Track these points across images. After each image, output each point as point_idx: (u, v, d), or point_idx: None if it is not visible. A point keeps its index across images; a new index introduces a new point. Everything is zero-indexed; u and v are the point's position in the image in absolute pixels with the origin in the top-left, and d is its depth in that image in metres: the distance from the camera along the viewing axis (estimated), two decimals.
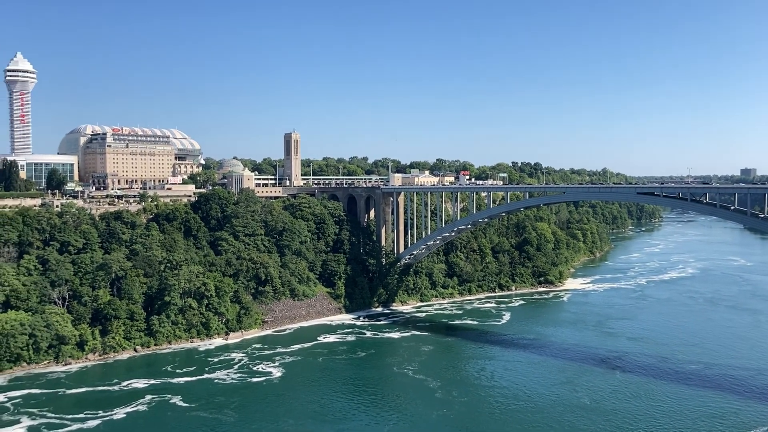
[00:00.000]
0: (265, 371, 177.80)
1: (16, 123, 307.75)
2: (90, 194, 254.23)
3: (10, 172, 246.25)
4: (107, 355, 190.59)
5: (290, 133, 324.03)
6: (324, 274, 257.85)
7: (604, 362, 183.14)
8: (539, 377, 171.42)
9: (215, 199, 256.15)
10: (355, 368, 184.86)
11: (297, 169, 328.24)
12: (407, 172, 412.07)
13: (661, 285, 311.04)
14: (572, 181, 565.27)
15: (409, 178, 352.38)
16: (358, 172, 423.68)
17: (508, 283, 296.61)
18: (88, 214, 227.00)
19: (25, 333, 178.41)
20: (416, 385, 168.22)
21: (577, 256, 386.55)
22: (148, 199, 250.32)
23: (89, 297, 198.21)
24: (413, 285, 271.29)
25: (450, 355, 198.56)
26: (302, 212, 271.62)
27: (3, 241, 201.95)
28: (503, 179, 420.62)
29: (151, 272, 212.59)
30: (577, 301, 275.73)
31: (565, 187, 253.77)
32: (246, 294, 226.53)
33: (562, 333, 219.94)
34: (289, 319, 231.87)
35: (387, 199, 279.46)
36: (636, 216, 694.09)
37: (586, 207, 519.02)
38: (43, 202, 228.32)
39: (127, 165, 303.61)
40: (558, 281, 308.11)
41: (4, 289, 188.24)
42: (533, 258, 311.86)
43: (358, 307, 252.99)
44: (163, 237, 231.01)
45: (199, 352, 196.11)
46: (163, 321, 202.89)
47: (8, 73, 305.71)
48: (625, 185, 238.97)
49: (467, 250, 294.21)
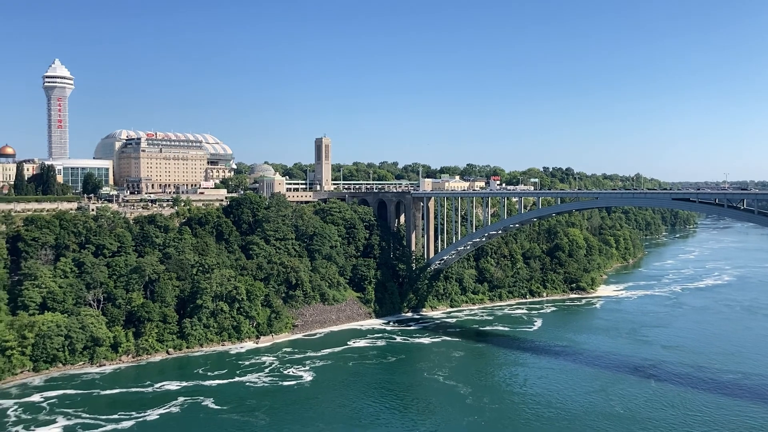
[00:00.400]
0: (296, 375, 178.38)
1: (54, 128, 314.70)
2: (124, 198, 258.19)
3: (48, 177, 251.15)
4: (140, 357, 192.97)
5: (321, 138, 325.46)
6: (354, 278, 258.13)
7: (639, 370, 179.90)
8: (572, 385, 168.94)
9: (247, 204, 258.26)
10: (386, 373, 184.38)
11: (327, 173, 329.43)
12: (437, 177, 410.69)
13: (697, 292, 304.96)
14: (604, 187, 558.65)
15: (440, 183, 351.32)
16: (388, 177, 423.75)
17: (539, 289, 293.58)
18: (123, 217, 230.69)
19: (61, 334, 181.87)
20: (447, 390, 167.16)
21: (609, 262, 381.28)
22: (181, 203, 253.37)
23: (123, 299, 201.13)
24: (443, 290, 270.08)
25: (481, 361, 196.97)
26: (333, 217, 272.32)
27: (41, 244, 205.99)
28: (534, 184, 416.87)
29: (184, 275, 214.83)
30: (610, 308, 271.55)
31: (597, 193, 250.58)
32: (277, 298, 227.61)
33: (594, 340, 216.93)
34: (319, 324, 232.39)
35: (417, 204, 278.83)
36: (670, 222, 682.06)
37: (619, 213, 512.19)
38: (79, 205, 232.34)
39: (160, 169, 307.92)
40: (590, 288, 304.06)
41: (41, 291, 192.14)
42: (565, 264, 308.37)
43: (387, 312, 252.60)
44: (195, 241, 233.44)
45: (230, 356, 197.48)
46: (195, 324, 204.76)
47: (46, 80, 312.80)
48: (660, 191, 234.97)
49: (498, 256, 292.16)
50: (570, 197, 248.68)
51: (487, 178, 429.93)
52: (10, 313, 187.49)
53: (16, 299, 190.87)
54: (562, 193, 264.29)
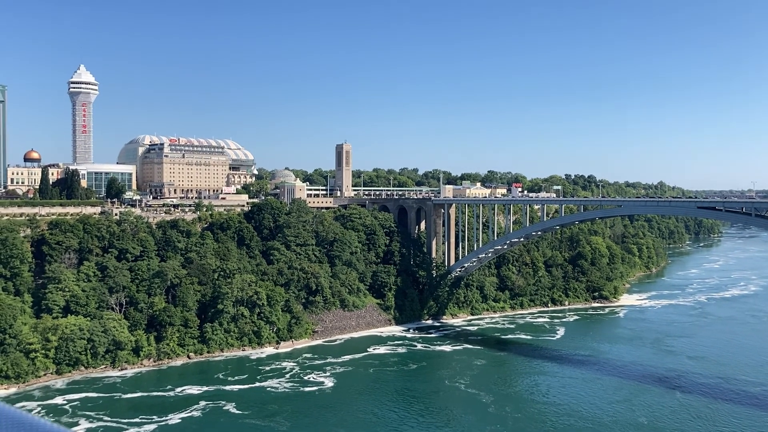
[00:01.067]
0: (317, 381, 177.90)
1: (78, 133, 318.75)
2: (147, 203, 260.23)
3: (72, 181, 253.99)
4: (161, 361, 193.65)
5: (342, 144, 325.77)
6: (374, 285, 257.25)
7: (663, 381, 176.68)
8: (595, 395, 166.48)
9: (268, 209, 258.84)
10: (407, 380, 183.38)
11: (348, 179, 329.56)
12: (458, 183, 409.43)
13: (722, 302, 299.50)
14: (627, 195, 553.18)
15: (461, 190, 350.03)
16: (409, 183, 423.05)
17: (561, 297, 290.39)
18: (146, 222, 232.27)
19: (83, 338, 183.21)
20: (469, 398, 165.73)
21: (632, 271, 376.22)
22: (203, 209, 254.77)
23: (145, 303, 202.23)
24: (464, 298, 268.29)
25: (503, 369, 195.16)
26: (353, 223, 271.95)
27: (65, 248, 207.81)
28: (557, 191, 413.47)
29: (205, 280, 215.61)
30: (634, 317, 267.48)
31: (621, 201, 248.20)
32: (297, 304, 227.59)
33: (618, 350, 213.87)
34: (339, 330, 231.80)
35: (438, 210, 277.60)
36: (694, 231, 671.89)
37: (642, 221, 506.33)
38: (102, 210, 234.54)
39: (182, 174, 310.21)
40: (613, 297, 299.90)
41: (65, 295, 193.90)
42: (587, 272, 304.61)
43: (407, 319, 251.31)
44: (217, 246, 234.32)
45: (251, 361, 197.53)
46: (216, 329, 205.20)
47: (72, 85, 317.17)
48: (685, 199, 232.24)
49: (519, 264, 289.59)
50: (593, 205, 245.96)
51: (509, 185, 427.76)
52: (34, 316, 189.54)
53: (40, 302, 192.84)
54: (585, 201, 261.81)
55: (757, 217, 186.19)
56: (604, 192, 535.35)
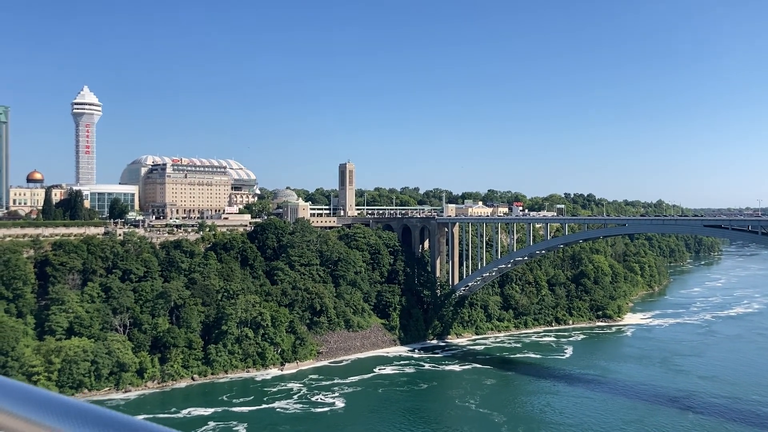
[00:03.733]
0: (327, 402, 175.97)
1: (82, 154, 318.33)
2: (150, 223, 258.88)
3: (75, 202, 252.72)
4: (165, 383, 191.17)
5: (345, 164, 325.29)
6: (379, 305, 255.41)
7: (675, 401, 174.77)
8: (608, 415, 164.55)
9: (271, 229, 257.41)
10: (417, 400, 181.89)
11: (351, 199, 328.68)
12: (458, 202, 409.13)
13: (728, 321, 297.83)
14: (627, 213, 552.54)
15: (463, 209, 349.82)
16: (411, 202, 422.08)
17: (565, 316, 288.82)
18: (149, 242, 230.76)
19: (87, 359, 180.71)
20: (481, 418, 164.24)
21: (635, 290, 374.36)
22: (206, 229, 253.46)
23: (149, 325, 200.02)
24: (468, 317, 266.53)
25: (513, 389, 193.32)
26: (357, 242, 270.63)
27: (68, 269, 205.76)
28: (560, 210, 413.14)
29: (209, 301, 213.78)
30: (642, 336, 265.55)
31: (626, 219, 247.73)
32: (301, 324, 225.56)
33: (628, 369, 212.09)
34: (344, 351, 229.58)
35: (442, 229, 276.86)
36: (694, 249, 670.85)
37: (642, 239, 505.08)
38: (106, 230, 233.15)
39: (185, 195, 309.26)
40: (617, 316, 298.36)
41: (68, 316, 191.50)
42: (590, 291, 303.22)
43: (412, 339, 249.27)
44: (220, 266, 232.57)
45: (256, 382, 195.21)
46: (220, 350, 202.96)
47: (75, 106, 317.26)
48: (691, 217, 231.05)
49: (522, 283, 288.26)
50: (597, 223, 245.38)
51: (509, 203, 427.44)
52: (36, 338, 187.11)
53: (43, 324, 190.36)
54: (590, 219, 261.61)
55: (763, 235, 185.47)
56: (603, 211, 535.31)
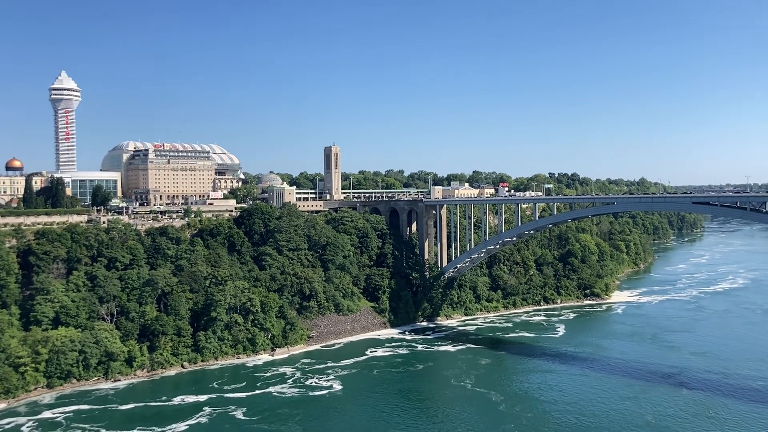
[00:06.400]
0: (323, 385, 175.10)
1: (61, 140, 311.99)
2: (134, 210, 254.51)
3: (57, 189, 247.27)
4: (155, 371, 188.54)
5: (330, 147, 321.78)
6: (368, 288, 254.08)
7: (669, 377, 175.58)
8: (603, 392, 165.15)
9: (258, 214, 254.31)
10: (413, 381, 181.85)
11: (337, 182, 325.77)
12: (444, 184, 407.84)
13: (715, 296, 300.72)
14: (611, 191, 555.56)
15: (450, 191, 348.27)
16: (396, 185, 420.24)
17: (553, 296, 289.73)
18: (134, 230, 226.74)
19: (75, 349, 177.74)
20: (478, 398, 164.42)
21: (621, 267, 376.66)
22: (191, 215, 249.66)
23: (136, 313, 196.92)
24: (457, 299, 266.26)
25: (508, 368, 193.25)
26: (345, 226, 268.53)
27: (52, 258, 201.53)
28: (548, 190, 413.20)
29: (197, 288, 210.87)
30: (631, 313, 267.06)
31: (614, 198, 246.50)
32: (291, 309, 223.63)
33: (621, 346, 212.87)
34: (334, 335, 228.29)
35: (430, 212, 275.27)
36: (677, 226, 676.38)
37: (627, 218, 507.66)
38: (89, 218, 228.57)
39: (168, 180, 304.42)
40: (604, 294, 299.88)
41: (54, 306, 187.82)
42: (578, 270, 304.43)
43: (402, 321, 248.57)
44: (207, 252, 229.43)
45: (247, 368, 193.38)
46: (209, 337, 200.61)
47: (53, 92, 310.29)
48: (680, 195, 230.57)
49: (510, 263, 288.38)
50: (585, 202, 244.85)
51: (495, 184, 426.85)
52: (22, 328, 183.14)
53: (28, 314, 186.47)
54: (578, 198, 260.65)
55: (752, 211, 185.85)
56: (587, 189, 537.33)
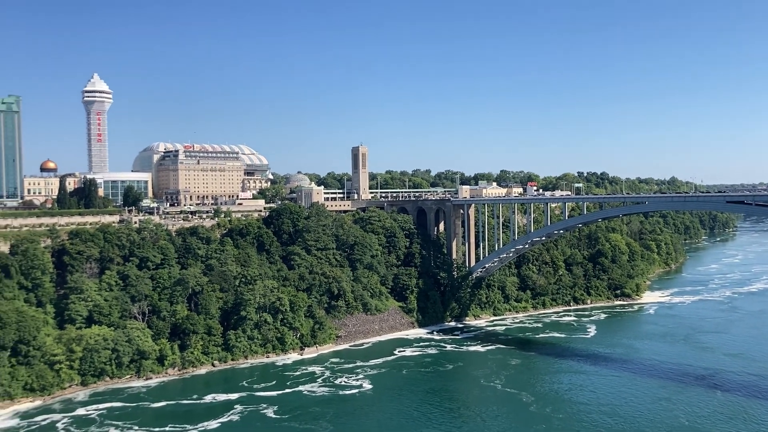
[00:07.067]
0: (353, 384, 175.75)
1: (93, 142, 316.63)
2: (165, 210, 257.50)
3: (90, 190, 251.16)
4: (186, 370, 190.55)
5: (358, 147, 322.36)
6: (395, 288, 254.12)
7: (702, 379, 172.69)
8: (635, 394, 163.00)
9: (287, 214, 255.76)
10: (443, 380, 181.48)
11: (365, 182, 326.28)
12: (471, 183, 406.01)
13: (749, 297, 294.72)
14: (642, 191, 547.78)
15: (477, 190, 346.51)
16: (423, 185, 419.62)
17: (583, 296, 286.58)
18: (165, 230, 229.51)
19: (108, 348, 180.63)
20: (508, 398, 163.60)
21: (651, 268, 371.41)
22: (221, 215, 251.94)
23: (168, 312, 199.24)
24: (486, 299, 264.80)
25: (538, 368, 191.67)
26: (372, 226, 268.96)
27: (85, 257, 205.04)
28: (577, 189, 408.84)
29: (227, 287, 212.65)
30: (663, 314, 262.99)
31: (645, 197, 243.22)
32: (319, 308, 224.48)
33: (653, 347, 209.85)
34: (362, 334, 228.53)
35: (457, 211, 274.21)
36: (709, 225, 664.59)
37: (657, 217, 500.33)
38: (121, 218, 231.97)
39: (198, 181, 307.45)
40: (635, 294, 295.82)
41: (87, 305, 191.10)
42: (608, 270, 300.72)
43: (430, 321, 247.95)
44: (237, 252, 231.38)
45: (276, 367, 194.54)
46: (239, 336, 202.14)
47: (86, 94, 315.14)
48: (714, 194, 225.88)
49: (539, 263, 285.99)
50: (616, 202, 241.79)
51: (523, 184, 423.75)
52: (57, 327, 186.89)
53: (62, 313, 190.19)
54: (608, 198, 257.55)
55: None
56: (617, 189, 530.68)
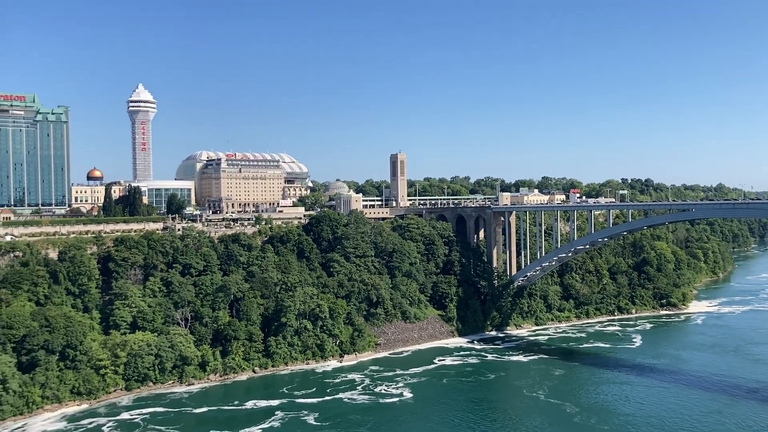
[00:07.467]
0: (394, 392, 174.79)
1: (138, 150, 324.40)
2: (207, 218, 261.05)
3: (134, 198, 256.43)
4: (227, 376, 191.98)
5: (396, 154, 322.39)
6: (435, 296, 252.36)
7: (755, 392, 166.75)
8: (684, 406, 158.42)
9: (326, 221, 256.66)
10: (485, 390, 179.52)
11: (403, 189, 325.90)
12: (511, 190, 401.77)
13: None
14: (688, 198, 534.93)
15: (518, 197, 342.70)
16: (462, 192, 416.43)
17: (628, 305, 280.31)
18: (208, 237, 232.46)
19: (151, 353, 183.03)
20: (551, 409, 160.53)
21: (698, 276, 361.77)
22: (262, 222, 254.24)
23: (210, 318, 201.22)
24: (527, 308, 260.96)
25: (583, 379, 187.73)
26: (411, 233, 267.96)
27: (130, 264, 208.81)
28: (622, 196, 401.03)
29: (268, 294, 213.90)
30: (712, 324, 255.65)
31: (692, 204, 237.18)
32: (358, 316, 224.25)
33: (702, 358, 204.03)
34: (401, 342, 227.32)
35: (498, 218, 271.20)
36: (758, 233, 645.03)
37: (704, 224, 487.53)
38: (165, 225, 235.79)
39: (240, 189, 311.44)
40: (682, 304, 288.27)
41: (131, 311, 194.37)
42: (653, 279, 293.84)
43: (470, 330, 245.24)
44: (277, 259, 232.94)
45: (316, 374, 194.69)
46: (280, 342, 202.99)
47: (131, 104, 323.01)
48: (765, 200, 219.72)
49: (583, 271, 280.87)
50: (661, 209, 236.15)
51: (565, 191, 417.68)
52: (102, 332, 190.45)
53: (107, 319, 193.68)
54: (654, 205, 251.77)
55: None
56: (662, 195, 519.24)
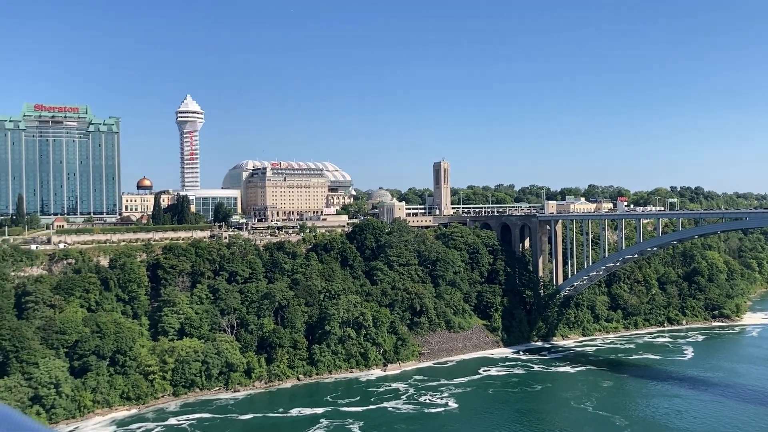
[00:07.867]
0: (439, 402, 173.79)
1: (186, 160, 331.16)
2: (253, 226, 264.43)
3: (182, 207, 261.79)
4: (272, 383, 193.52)
5: (439, 162, 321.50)
6: (479, 305, 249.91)
7: None
8: (741, 420, 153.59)
9: (369, 229, 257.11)
10: (531, 401, 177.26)
11: (447, 197, 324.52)
12: (557, 198, 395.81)
13: None
14: (740, 206, 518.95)
15: (564, 206, 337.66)
16: (507, 200, 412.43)
17: (678, 316, 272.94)
18: (253, 245, 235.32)
19: (198, 360, 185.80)
20: (600, 422, 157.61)
21: (752, 287, 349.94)
22: (306, 230, 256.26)
23: (255, 325, 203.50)
24: (574, 318, 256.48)
25: (632, 391, 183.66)
26: (455, 242, 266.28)
27: (178, 271, 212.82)
28: (672, 205, 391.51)
29: (312, 301, 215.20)
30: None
31: (745, 212, 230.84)
32: (402, 325, 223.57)
33: (758, 372, 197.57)
34: (445, 352, 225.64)
35: (543, 227, 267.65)
36: None
37: (758, 234, 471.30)
38: (212, 234, 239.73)
39: (284, 197, 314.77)
40: (735, 315, 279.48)
41: (179, 317, 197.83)
42: (705, 290, 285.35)
43: (516, 340, 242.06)
44: (321, 267, 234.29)
45: (360, 383, 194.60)
46: (323, 350, 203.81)
47: (179, 115, 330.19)
48: None
49: (631, 281, 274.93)
50: (713, 218, 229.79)
51: (612, 199, 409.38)
52: (151, 338, 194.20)
53: (156, 325, 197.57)
54: (705, 214, 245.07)
55: None
56: (717, 203, 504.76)
